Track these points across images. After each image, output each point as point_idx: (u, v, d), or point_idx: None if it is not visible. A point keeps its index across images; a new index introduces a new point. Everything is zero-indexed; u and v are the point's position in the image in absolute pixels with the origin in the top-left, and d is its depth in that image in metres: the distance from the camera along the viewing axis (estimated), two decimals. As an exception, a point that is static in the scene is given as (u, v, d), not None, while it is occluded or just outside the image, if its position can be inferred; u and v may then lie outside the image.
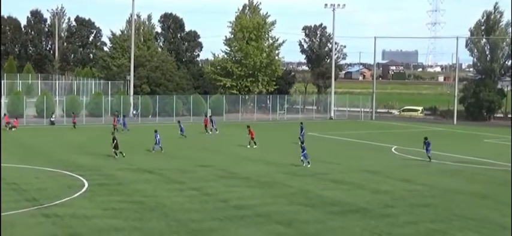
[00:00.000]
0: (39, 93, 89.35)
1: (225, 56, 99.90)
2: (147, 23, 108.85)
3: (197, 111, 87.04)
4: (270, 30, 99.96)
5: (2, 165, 41.38)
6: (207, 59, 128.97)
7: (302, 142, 44.15)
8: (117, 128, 63.68)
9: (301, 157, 42.92)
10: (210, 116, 72.08)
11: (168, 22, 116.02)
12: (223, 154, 50.23)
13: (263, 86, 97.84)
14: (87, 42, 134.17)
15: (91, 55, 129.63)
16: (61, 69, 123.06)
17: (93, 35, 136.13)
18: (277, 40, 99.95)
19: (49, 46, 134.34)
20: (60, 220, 26.47)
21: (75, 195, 31.89)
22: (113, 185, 34.91)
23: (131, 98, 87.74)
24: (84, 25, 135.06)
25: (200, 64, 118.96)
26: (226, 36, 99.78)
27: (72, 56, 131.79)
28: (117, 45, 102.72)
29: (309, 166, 42.01)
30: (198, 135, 63.61)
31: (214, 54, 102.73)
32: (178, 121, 63.74)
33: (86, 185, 34.68)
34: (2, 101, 76.51)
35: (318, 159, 47.31)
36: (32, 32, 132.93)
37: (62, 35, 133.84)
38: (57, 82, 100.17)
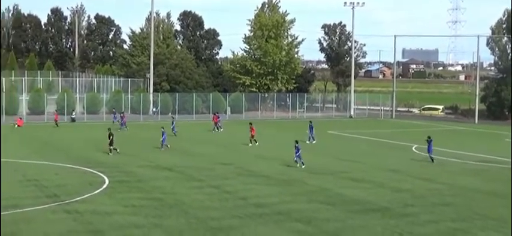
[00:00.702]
0: (60, 90, 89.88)
1: (245, 54, 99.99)
2: (166, 20, 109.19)
3: (216, 109, 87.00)
4: (289, 29, 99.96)
5: (23, 161, 41.81)
6: (226, 56, 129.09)
7: (296, 142, 41.86)
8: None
9: (295, 158, 41.53)
10: (218, 113, 72.11)
11: (187, 20, 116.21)
12: (241, 152, 50.21)
13: (282, 84, 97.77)
14: (107, 40, 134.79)
15: (111, 53, 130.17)
16: (81, 67, 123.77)
17: (112, 33, 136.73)
18: (296, 38, 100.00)
19: (69, 43, 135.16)
20: (81, 217, 26.61)
21: (96, 192, 32.05)
22: (133, 182, 35.03)
23: (151, 96, 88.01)
24: (104, 23, 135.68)
25: (219, 62, 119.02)
26: (245, 34, 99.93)
27: (92, 53, 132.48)
28: (137, 43, 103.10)
29: (303, 166, 40.98)
30: (212, 133, 63.65)
31: (233, 52, 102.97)
32: (172, 118, 63.76)
33: (107, 182, 34.83)
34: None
35: (337, 157, 47.25)
36: (53, 30, 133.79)
37: (82, 32, 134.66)
38: (77, 79, 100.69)
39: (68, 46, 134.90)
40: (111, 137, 46.45)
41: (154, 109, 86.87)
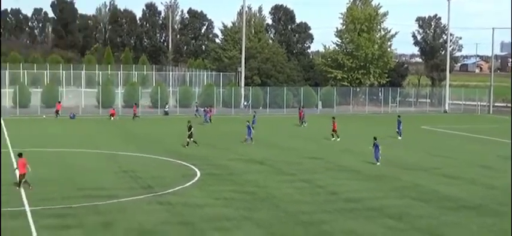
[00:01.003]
0: (154, 84, 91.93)
1: (336, 47, 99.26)
2: (258, 14, 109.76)
3: (307, 103, 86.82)
4: (382, 22, 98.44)
5: (119, 152, 42.97)
6: (318, 50, 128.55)
7: (375, 139, 40.74)
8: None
9: (376, 156, 40.42)
10: (303, 107, 71.62)
11: (278, 14, 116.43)
12: (331, 146, 49.81)
13: (375, 78, 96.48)
14: (199, 34, 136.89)
15: (203, 47, 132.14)
16: (174, 61, 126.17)
17: (205, 27, 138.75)
18: (389, 31, 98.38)
19: (163, 38, 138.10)
20: (173, 208, 27.06)
21: (188, 184, 32.53)
22: (225, 175, 35.35)
23: (242, 90, 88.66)
24: (197, 17, 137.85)
25: (311, 56, 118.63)
26: (337, 28, 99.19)
27: (185, 47, 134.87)
28: (229, 37, 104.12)
29: (377, 163, 39.80)
30: (300, 128, 63.43)
31: (325, 46, 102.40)
32: (254, 113, 63.49)
33: (198, 174, 35.29)
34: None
35: (430, 153, 46.18)
36: (147, 25, 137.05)
37: (175, 27, 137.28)
38: (170, 73, 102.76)
39: (161, 40, 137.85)
40: (190, 129, 46.99)
41: (245, 103, 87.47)
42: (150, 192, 30.20)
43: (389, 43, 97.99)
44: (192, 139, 46.85)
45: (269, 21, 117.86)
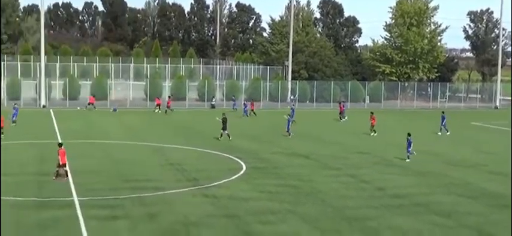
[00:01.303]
0: (201, 77, 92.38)
1: (385, 41, 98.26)
2: (306, 8, 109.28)
3: (355, 98, 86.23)
4: (432, 16, 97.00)
5: (166, 145, 43.30)
6: (366, 44, 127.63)
7: (409, 135, 39.55)
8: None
9: (408, 152, 39.45)
10: (343, 102, 70.93)
11: (327, 7, 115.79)
12: (377, 141, 49.30)
13: (424, 73, 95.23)
14: (247, 28, 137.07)
15: (251, 40, 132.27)
16: (222, 54, 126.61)
17: (253, 21, 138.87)
18: (439, 26, 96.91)
19: (211, 32, 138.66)
20: (218, 201, 27.12)
21: (233, 177, 32.58)
22: (270, 169, 35.28)
23: (289, 83, 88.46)
24: (245, 11, 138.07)
25: (359, 50, 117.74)
26: (386, 22, 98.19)
27: (233, 41, 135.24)
28: (276, 31, 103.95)
29: (407, 160, 38.90)
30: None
31: (373, 40, 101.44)
32: (292, 103, 63.27)
33: (244, 168, 35.32)
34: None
35: (479, 149, 45.36)
36: (195, 18, 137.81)
37: (223, 20, 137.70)
38: (218, 67, 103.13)
39: (209, 34, 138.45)
40: (224, 122, 46.88)
41: (292, 97, 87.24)
42: (196, 185, 30.34)
43: (439, 37, 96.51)
44: (226, 131, 46.78)
45: (317, 15, 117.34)
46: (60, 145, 31.35)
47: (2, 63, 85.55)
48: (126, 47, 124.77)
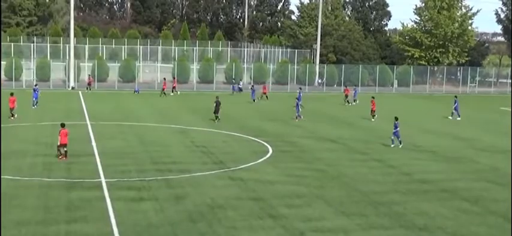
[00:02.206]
0: (229, 60, 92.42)
1: (415, 25, 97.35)
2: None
3: (383, 82, 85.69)
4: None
5: (193, 127, 43.47)
6: (396, 28, 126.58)
7: (396, 119, 37.79)
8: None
9: (392, 136, 38.20)
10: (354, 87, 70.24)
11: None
12: (407, 125, 48.86)
13: (453, 57, 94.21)
14: (275, 11, 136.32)
15: (279, 23, 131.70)
16: (250, 37, 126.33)
17: (281, 4, 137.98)
18: (470, 9, 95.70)
19: (239, 14, 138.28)
20: (245, 184, 27.16)
21: (260, 160, 32.59)
22: (296, 153, 35.21)
23: (317, 67, 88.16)
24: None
25: (388, 34, 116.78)
26: (416, 5, 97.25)
27: (261, 24, 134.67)
28: (305, 14, 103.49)
29: (400, 146, 37.62)
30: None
31: (403, 24, 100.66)
32: (299, 89, 62.25)
33: (270, 151, 35.31)
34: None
35: (509, 136, 44.75)
36: (224, 1, 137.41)
37: (252, 3, 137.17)
38: (245, 50, 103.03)
39: (237, 17, 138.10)
40: (217, 105, 47.12)
41: (319, 81, 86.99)
42: (222, 167, 30.42)
43: (470, 21, 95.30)
44: (217, 115, 47.02)
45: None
46: (62, 125, 31.71)
47: (32, 45, 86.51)
48: (154, 29, 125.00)
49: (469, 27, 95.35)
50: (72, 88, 72.46)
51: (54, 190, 24.91)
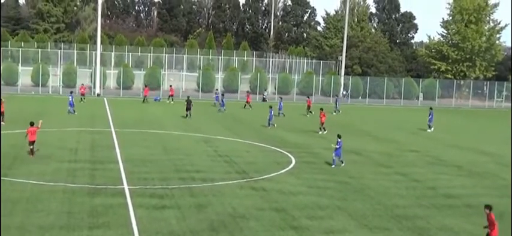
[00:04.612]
0: (253, 70, 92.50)
1: (441, 38, 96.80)
2: (361, 3, 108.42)
3: (408, 95, 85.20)
4: (492, 13, 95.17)
5: (216, 136, 43.50)
6: (422, 41, 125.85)
7: (339, 137, 34.28)
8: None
9: (334, 154, 34.44)
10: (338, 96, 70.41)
11: (383, 3, 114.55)
12: (432, 139, 48.56)
13: (480, 71, 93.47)
14: (301, 22, 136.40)
15: (304, 34, 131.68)
16: (275, 48, 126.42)
17: (307, 15, 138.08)
18: (498, 23, 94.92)
19: (265, 24, 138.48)
20: (267, 194, 27.07)
21: (283, 171, 32.49)
22: (319, 164, 35.06)
23: (342, 79, 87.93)
24: (299, 4, 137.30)
25: (414, 47, 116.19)
26: (443, 18, 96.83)
27: (286, 34, 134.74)
28: (331, 25, 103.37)
29: (341, 165, 34.30)
30: (404, 118, 62.16)
31: (429, 37, 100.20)
32: (280, 98, 63.07)
33: (293, 162, 35.20)
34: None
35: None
36: (250, 11, 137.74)
37: (278, 13, 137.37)
38: (270, 60, 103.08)
39: (263, 27, 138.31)
40: (188, 104, 54.28)
41: (344, 92, 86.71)
42: (245, 177, 30.37)
43: (498, 35, 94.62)
44: (189, 111, 54.24)
45: (373, 9, 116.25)
46: (31, 124, 33.16)
47: (59, 51, 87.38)
48: (180, 38, 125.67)
49: (497, 42, 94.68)
50: (98, 95, 72.98)
51: (78, 196, 25.04)
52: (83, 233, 20.50)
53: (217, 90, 74.29)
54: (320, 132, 48.20)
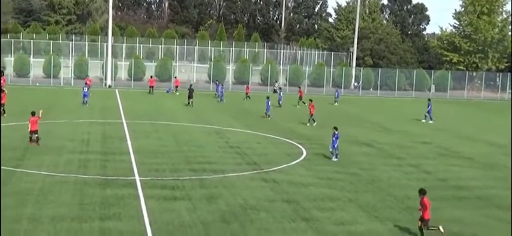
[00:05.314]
0: (265, 62, 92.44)
1: (453, 30, 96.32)
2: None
3: (420, 86, 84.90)
4: (505, 4, 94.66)
5: (228, 128, 43.54)
6: (434, 32, 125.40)
7: (335, 129, 33.77)
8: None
9: (331, 148, 33.86)
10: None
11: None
12: (444, 131, 48.39)
13: (493, 63, 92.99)
14: (312, 13, 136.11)
15: (316, 26, 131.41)
16: (286, 39, 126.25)
17: (319, 6, 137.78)
18: (511, 14, 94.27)
19: (276, 16, 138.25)
20: (278, 186, 27.07)
21: (294, 162, 32.48)
22: (330, 156, 34.98)
23: (353, 70, 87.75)
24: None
25: (426, 38, 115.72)
26: (455, 10, 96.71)
27: (298, 26, 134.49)
28: (342, 17, 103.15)
29: (335, 159, 33.42)
30: (415, 109, 61.91)
31: (441, 28, 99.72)
32: (279, 89, 63.46)
33: (304, 153, 35.18)
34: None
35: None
36: (261, 2, 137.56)
37: (289, 5, 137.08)
38: (281, 51, 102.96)
39: (274, 18, 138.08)
40: (190, 92, 56.85)
41: (355, 84, 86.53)
42: (256, 169, 30.38)
43: (510, 26, 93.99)
44: (191, 100, 56.46)
45: (384, 1, 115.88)
46: (32, 113, 34.13)
47: (70, 43, 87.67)
48: (191, 30, 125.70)
49: (510, 33, 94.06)
50: (109, 86, 73.18)
51: (89, 187, 25.13)
52: (94, 224, 20.58)
53: (217, 81, 73.03)
54: (309, 124, 47.21)
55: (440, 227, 20.86)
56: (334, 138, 33.35)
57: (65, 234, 19.46)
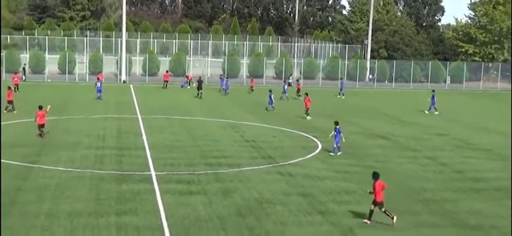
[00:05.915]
0: (279, 55, 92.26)
1: (469, 20, 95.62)
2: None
3: (435, 78, 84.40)
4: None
5: (243, 122, 43.51)
6: (449, 23, 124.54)
7: (336, 124, 33.14)
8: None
9: (335, 144, 32.89)
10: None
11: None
12: (460, 123, 48.12)
13: (509, 54, 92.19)
14: (326, 6, 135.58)
15: (330, 18, 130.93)
16: (300, 32, 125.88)
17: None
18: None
19: (290, 9, 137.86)
20: (293, 179, 27.02)
21: (309, 156, 32.41)
22: (346, 149, 34.76)
23: (368, 63, 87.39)
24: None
25: (441, 29, 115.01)
26: (471, 0, 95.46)
27: (312, 19, 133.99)
28: (356, 9, 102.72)
29: (339, 153, 32.72)
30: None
31: (456, 19, 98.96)
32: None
33: (320, 147, 35.07)
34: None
35: None
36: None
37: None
38: (295, 45, 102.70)
39: (288, 11, 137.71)
40: (200, 84, 59.00)
41: (370, 76, 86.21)
42: (271, 162, 30.33)
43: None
44: (200, 91, 58.65)
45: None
46: (40, 107, 34.95)
47: (85, 39, 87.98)
48: (205, 24, 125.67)
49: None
50: (124, 81, 73.35)
51: (105, 182, 25.20)
52: (111, 219, 20.63)
53: (222, 75, 72.44)
54: (308, 118, 46.56)
55: (394, 218, 21.01)
56: (336, 133, 32.81)
57: (82, 229, 19.52)
